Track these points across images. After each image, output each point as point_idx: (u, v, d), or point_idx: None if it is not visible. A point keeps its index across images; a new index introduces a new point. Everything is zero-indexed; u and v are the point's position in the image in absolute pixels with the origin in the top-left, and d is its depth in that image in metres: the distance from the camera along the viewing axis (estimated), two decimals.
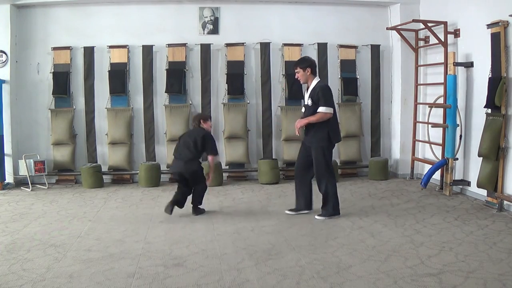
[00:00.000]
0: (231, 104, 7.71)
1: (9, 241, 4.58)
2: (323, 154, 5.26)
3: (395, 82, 8.09)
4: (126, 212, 5.82)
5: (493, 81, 5.68)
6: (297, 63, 5.40)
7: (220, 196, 6.63)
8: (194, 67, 7.78)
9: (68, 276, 3.70)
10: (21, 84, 7.56)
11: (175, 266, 3.92)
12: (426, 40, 7.47)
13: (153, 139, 7.79)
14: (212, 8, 7.80)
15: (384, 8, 8.06)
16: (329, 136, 5.24)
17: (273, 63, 7.86)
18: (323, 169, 5.27)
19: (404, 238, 4.60)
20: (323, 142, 5.25)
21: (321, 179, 5.31)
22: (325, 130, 5.22)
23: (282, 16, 7.91)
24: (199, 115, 6.14)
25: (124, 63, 7.65)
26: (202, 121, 5.73)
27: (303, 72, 5.30)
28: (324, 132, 5.22)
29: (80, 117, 7.69)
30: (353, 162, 8.05)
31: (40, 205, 6.15)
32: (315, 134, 5.28)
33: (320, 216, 5.32)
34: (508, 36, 5.59)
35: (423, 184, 6.59)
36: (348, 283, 3.53)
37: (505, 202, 5.57)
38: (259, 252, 4.24)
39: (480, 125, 5.99)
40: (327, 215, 5.32)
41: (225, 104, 7.70)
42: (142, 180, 7.41)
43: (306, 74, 5.29)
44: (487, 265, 3.83)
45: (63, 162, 7.52)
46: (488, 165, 5.74)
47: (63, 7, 7.60)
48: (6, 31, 7.27)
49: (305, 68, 5.29)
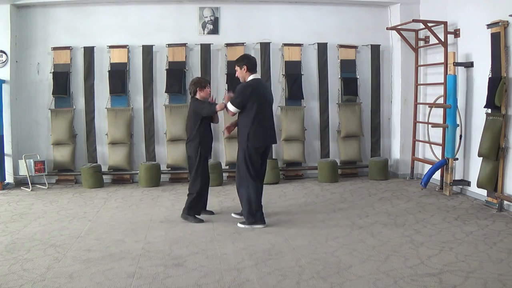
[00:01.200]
0: None
1: (9, 241, 4.59)
2: (243, 157, 5.03)
3: (395, 82, 8.09)
4: (126, 212, 5.82)
5: (493, 81, 5.68)
6: (235, 61, 5.27)
7: (220, 196, 6.63)
8: (194, 67, 7.78)
9: (68, 276, 3.70)
10: (21, 84, 7.56)
11: (175, 266, 3.92)
12: (426, 40, 7.47)
13: (153, 139, 7.79)
14: (212, 8, 7.81)
15: (384, 8, 8.06)
16: (248, 138, 4.98)
17: (273, 63, 7.86)
18: (242, 172, 5.05)
19: (404, 238, 4.60)
20: (243, 144, 5.05)
21: (240, 183, 5.10)
22: (245, 132, 5.01)
23: (282, 16, 7.91)
24: (193, 80, 5.45)
25: (124, 63, 7.65)
26: (198, 90, 5.29)
27: (240, 70, 5.17)
28: (244, 134, 5.02)
29: (80, 117, 7.69)
30: (353, 162, 8.05)
31: (40, 205, 6.15)
32: (238, 136, 5.14)
33: (240, 224, 5.11)
34: (508, 36, 5.60)
35: (423, 184, 6.59)
36: (348, 283, 3.53)
37: (505, 202, 5.57)
38: (259, 252, 4.24)
39: (480, 125, 5.99)
40: (246, 223, 5.08)
41: None
42: (142, 180, 7.41)
43: (243, 72, 5.15)
44: (487, 265, 3.83)
45: (63, 162, 7.52)
46: (488, 165, 5.74)
47: (63, 7, 7.61)
48: (6, 31, 7.27)
49: (242, 66, 5.14)
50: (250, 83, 5.10)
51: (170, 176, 7.79)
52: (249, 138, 4.98)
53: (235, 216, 5.41)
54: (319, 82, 7.96)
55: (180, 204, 6.11)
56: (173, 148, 7.61)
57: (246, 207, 5.05)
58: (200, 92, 5.32)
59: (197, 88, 5.31)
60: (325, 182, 7.50)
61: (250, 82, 5.10)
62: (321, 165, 7.61)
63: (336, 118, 8.03)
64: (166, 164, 7.64)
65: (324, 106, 7.99)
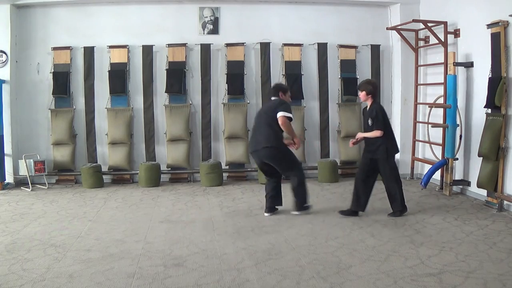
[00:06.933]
0: (231, 104, 7.71)
1: (9, 241, 4.58)
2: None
3: (395, 82, 8.09)
4: (126, 212, 5.82)
5: (493, 81, 5.68)
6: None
7: (220, 196, 6.63)
8: (194, 67, 7.78)
9: (68, 276, 3.70)
10: (21, 84, 7.56)
11: (175, 266, 3.92)
12: (426, 40, 7.47)
13: (153, 139, 7.79)
14: (212, 8, 7.80)
15: (384, 8, 8.06)
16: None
17: (273, 63, 7.86)
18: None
19: (404, 238, 4.60)
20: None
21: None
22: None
23: (282, 16, 7.91)
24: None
25: (124, 63, 7.65)
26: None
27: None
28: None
29: (80, 117, 7.69)
30: (353, 162, 8.03)
31: (40, 205, 6.15)
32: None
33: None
34: (508, 36, 5.59)
35: (423, 184, 6.59)
36: (348, 283, 3.53)
37: (505, 202, 5.57)
38: (259, 252, 4.24)
39: (480, 125, 5.99)
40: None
41: (225, 104, 7.70)
42: (142, 180, 7.41)
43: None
44: (487, 265, 3.83)
45: (63, 162, 7.52)
46: (488, 165, 5.74)
47: (63, 7, 7.61)
48: (6, 31, 7.27)
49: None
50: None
51: (170, 176, 7.79)
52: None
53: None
54: (319, 82, 7.96)
55: (180, 204, 6.13)
56: (173, 148, 7.61)
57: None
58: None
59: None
60: (325, 182, 7.50)
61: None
62: (321, 165, 7.61)
63: (336, 118, 8.03)
64: (166, 164, 7.64)
65: (324, 106, 7.98)
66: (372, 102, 5.35)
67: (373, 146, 5.35)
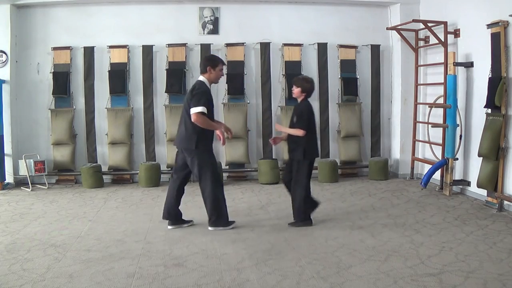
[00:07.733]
0: (231, 104, 7.72)
1: (9, 241, 4.59)
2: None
3: (395, 82, 8.09)
4: (126, 212, 5.82)
5: (493, 81, 5.68)
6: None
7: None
8: (194, 67, 7.77)
9: (68, 276, 3.70)
10: (21, 84, 7.56)
11: (175, 266, 3.92)
12: (426, 40, 7.47)
13: (153, 139, 7.79)
14: (212, 8, 7.80)
15: (384, 8, 8.06)
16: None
17: (273, 63, 7.86)
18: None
19: (404, 238, 4.60)
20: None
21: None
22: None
23: (282, 16, 7.91)
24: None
25: (124, 63, 7.65)
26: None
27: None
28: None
29: (80, 117, 7.69)
30: (353, 162, 8.05)
31: (40, 205, 6.15)
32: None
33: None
34: (508, 36, 5.59)
35: (423, 184, 6.59)
36: (348, 283, 3.53)
37: (505, 202, 5.57)
38: (259, 252, 4.24)
39: (480, 125, 5.99)
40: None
41: (225, 104, 7.70)
42: (142, 180, 7.41)
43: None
44: (487, 265, 3.83)
45: (63, 162, 7.52)
46: (488, 165, 5.74)
47: (63, 7, 7.61)
48: (6, 31, 7.27)
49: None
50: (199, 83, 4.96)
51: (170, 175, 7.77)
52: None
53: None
54: (319, 82, 7.95)
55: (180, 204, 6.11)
56: (173, 148, 7.55)
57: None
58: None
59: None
60: (325, 182, 7.50)
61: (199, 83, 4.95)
62: (321, 165, 7.61)
63: (336, 118, 8.03)
64: (166, 164, 7.64)
65: (324, 106, 7.98)
66: (302, 100, 5.10)
67: (293, 145, 5.07)
